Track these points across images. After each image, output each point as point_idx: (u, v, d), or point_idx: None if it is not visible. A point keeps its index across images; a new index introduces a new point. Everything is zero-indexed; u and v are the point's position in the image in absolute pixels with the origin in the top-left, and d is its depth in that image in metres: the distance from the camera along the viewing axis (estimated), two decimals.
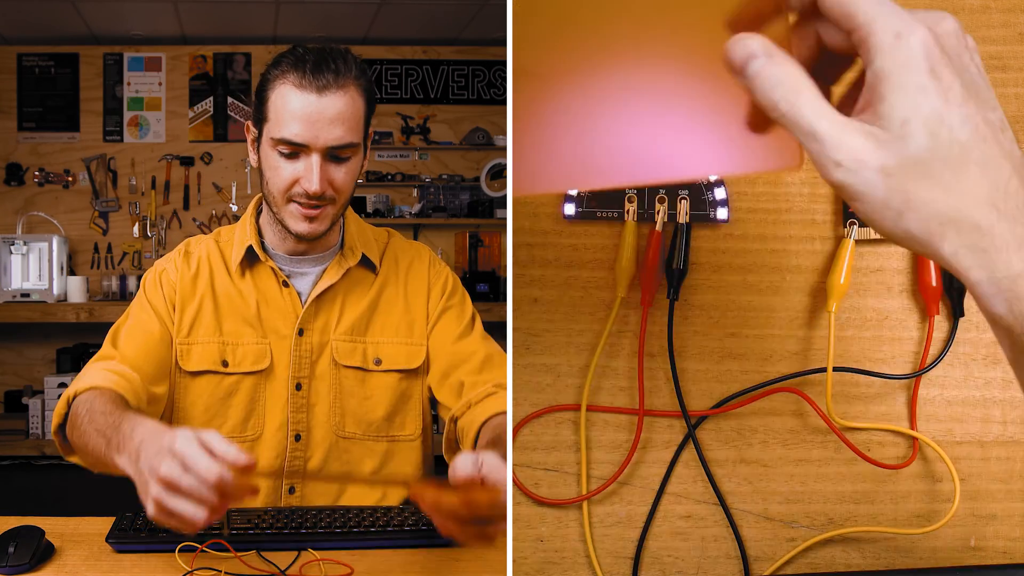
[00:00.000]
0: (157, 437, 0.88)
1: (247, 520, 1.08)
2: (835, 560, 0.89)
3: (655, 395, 0.89)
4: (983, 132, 0.63)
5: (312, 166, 1.17)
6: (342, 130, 1.17)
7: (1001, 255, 0.62)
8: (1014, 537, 0.88)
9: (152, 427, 0.92)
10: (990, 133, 0.63)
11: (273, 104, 1.18)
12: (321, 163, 1.17)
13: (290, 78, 1.17)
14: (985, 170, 0.63)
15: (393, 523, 1.09)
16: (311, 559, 1.01)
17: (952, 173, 0.63)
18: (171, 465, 0.83)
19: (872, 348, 0.88)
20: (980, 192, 0.63)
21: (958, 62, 0.64)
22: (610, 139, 0.79)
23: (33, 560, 0.96)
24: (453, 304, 1.31)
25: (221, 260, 1.29)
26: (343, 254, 1.28)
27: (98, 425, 1.01)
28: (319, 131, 1.16)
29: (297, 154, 1.18)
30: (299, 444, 1.26)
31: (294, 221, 1.20)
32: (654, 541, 0.89)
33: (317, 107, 1.16)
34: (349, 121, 1.18)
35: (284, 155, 1.18)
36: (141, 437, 0.91)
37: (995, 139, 0.63)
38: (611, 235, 0.88)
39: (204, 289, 1.27)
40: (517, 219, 0.89)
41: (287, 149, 1.17)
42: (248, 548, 1.01)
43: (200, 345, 1.26)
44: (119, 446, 0.94)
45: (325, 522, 1.08)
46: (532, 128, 0.80)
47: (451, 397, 1.25)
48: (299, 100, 1.16)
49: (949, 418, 0.88)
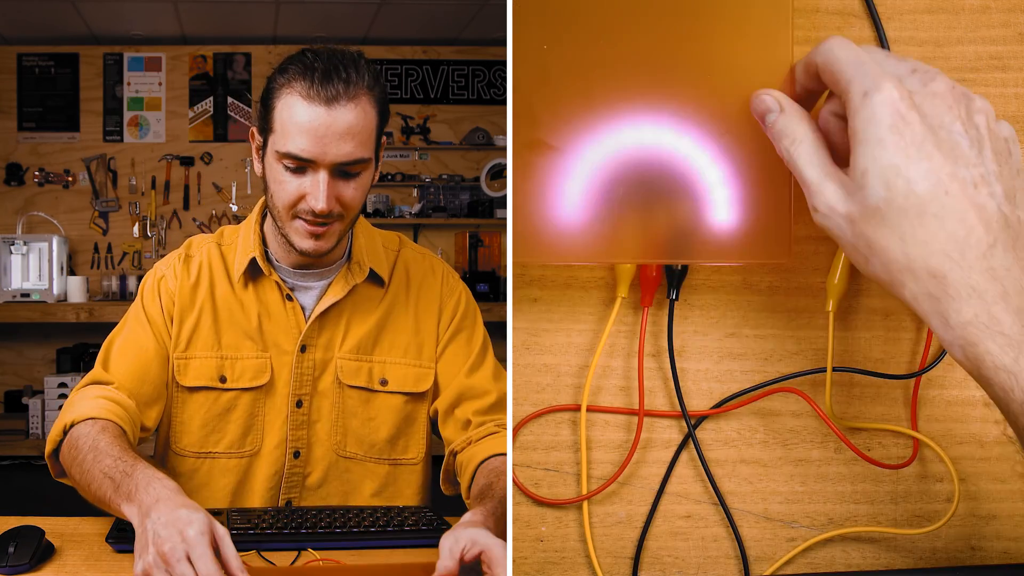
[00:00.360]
0: (174, 507, 0.87)
1: (247, 520, 1.08)
2: (835, 560, 0.89)
3: (655, 395, 0.89)
4: (947, 186, 0.66)
5: (319, 183, 1.10)
6: (352, 145, 1.10)
7: (953, 303, 0.66)
8: (1014, 537, 0.88)
9: (170, 490, 0.91)
10: (957, 188, 0.66)
11: (279, 115, 1.11)
12: (329, 180, 1.11)
13: (297, 87, 1.09)
14: (943, 222, 0.66)
15: (393, 523, 1.09)
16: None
17: (910, 225, 0.66)
18: (176, 548, 0.83)
19: (872, 348, 0.88)
20: (936, 243, 0.66)
21: (935, 119, 0.67)
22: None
23: (33, 560, 0.96)
24: (465, 327, 1.26)
25: (223, 267, 1.24)
26: (349, 268, 1.22)
27: (105, 467, 0.99)
28: (327, 146, 1.09)
29: (304, 169, 1.11)
30: (298, 461, 1.23)
31: (299, 238, 1.15)
32: (654, 541, 0.89)
33: (325, 121, 1.08)
34: (360, 135, 1.11)
35: (290, 169, 1.11)
36: (157, 497, 0.90)
37: (963, 194, 0.66)
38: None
39: (204, 299, 1.22)
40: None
41: (293, 164, 1.11)
42: (248, 548, 1.01)
43: (198, 360, 1.22)
44: (129, 495, 0.93)
45: (325, 522, 1.08)
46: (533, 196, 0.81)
47: (455, 432, 1.21)
48: (306, 113, 1.09)
49: (949, 418, 0.88)
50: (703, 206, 0.83)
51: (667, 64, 0.82)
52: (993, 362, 0.65)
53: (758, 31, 0.81)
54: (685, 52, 0.82)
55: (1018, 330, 0.65)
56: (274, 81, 1.13)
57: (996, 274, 0.66)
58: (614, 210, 0.83)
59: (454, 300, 1.27)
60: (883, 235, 0.67)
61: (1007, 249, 0.66)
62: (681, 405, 0.88)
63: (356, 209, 1.17)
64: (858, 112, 0.68)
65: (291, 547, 1.03)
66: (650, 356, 0.89)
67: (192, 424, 1.23)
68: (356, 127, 1.10)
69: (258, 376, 1.22)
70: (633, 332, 0.89)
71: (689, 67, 0.82)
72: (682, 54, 0.82)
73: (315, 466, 1.24)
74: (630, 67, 0.82)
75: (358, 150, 1.11)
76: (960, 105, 0.69)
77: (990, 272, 0.66)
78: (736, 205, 0.82)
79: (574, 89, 0.83)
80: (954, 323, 0.66)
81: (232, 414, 1.22)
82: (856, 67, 0.69)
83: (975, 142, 0.68)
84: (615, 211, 0.83)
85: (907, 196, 0.66)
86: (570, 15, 0.83)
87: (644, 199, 0.82)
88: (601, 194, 0.83)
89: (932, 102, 0.68)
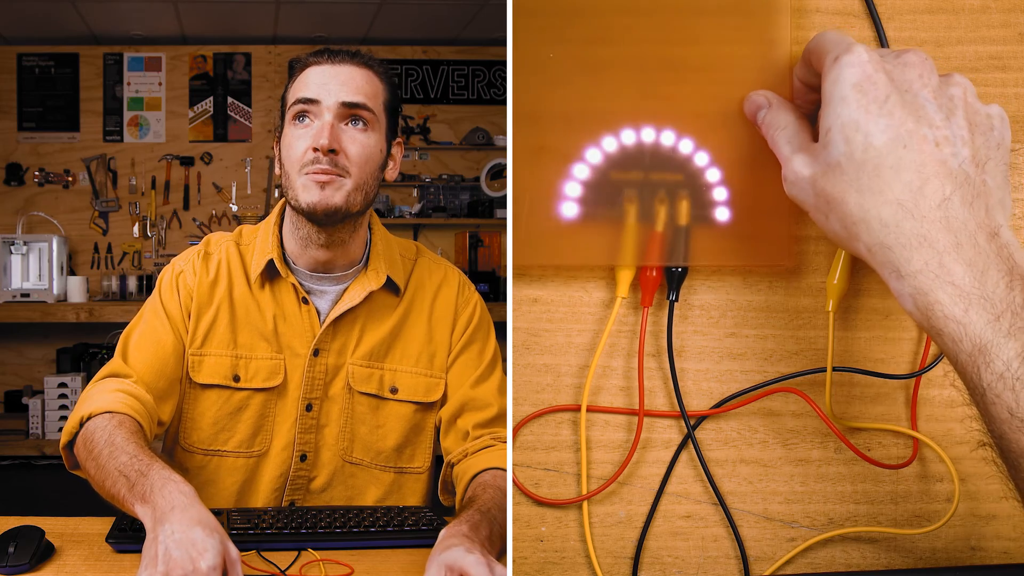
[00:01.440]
0: (190, 522, 0.87)
1: (247, 520, 1.08)
2: (835, 560, 0.89)
3: (655, 395, 0.89)
4: (905, 141, 0.67)
5: (324, 124, 1.16)
6: (353, 89, 1.18)
7: (904, 252, 0.67)
8: (1014, 537, 0.88)
9: (186, 496, 0.91)
10: (916, 143, 0.67)
11: (293, 88, 1.20)
12: (333, 122, 1.17)
13: (312, 61, 1.21)
14: (899, 173, 0.67)
15: (393, 523, 1.09)
16: (311, 559, 1.01)
17: (867, 177, 0.68)
18: (185, 564, 0.84)
19: (872, 348, 0.88)
20: (890, 193, 0.67)
21: (903, 84, 0.69)
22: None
23: (33, 560, 0.96)
24: (477, 338, 1.27)
25: (241, 268, 1.24)
26: (366, 273, 1.23)
27: (120, 464, 0.99)
28: (331, 87, 1.17)
29: (311, 117, 1.18)
30: (304, 464, 1.23)
31: (306, 192, 1.16)
32: (654, 541, 0.89)
33: (331, 72, 1.19)
34: (363, 89, 1.19)
35: (299, 123, 1.18)
36: (173, 504, 0.90)
37: (921, 149, 0.67)
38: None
39: (222, 297, 1.23)
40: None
41: (300, 110, 1.18)
42: (248, 548, 1.01)
43: (213, 357, 1.22)
44: (144, 496, 0.93)
45: (325, 522, 1.08)
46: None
47: (454, 443, 1.22)
48: (316, 71, 1.19)
49: (949, 418, 0.88)
50: (703, 209, 0.83)
51: (666, 66, 0.82)
52: (943, 311, 0.65)
53: (757, 33, 0.81)
54: (685, 54, 0.82)
55: (969, 281, 0.65)
56: (294, 66, 1.24)
57: (950, 225, 0.66)
58: (614, 213, 0.83)
59: (468, 311, 1.27)
60: (840, 188, 0.69)
61: (964, 204, 0.66)
62: (681, 405, 0.88)
63: (362, 169, 1.19)
64: (827, 74, 0.70)
65: (291, 547, 1.03)
66: (650, 356, 0.89)
67: (203, 421, 1.23)
68: (359, 80, 1.20)
69: (271, 377, 1.22)
70: (633, 332, 0.89)
71: (688, 69, 0.82)
72: (681, 57, 0.82)
73: (321, 470, 1.24)
74: (630, 70, 0.82)
75: (359, 96, 1.19)
76: (931, 75, 0.70)
77: (944, 222, 0.66)
78: (735, 208, 0.82)
79: (575, 92, 0.83)
80: (905, 272, 0.67)
81: (243, 413, 1.22)
82: (835, 41, 0.72)
83: (943, 108, 0.68)
84: (615, 214, 0.83)
85: (865, 150, 0.67)
86: (570, 16, 0.83)
87: (644, 202, 0.82)
88: (601, 197, 0.83)
89: (903, 70, 0.70)
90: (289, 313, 1.23)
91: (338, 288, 1.23)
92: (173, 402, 1.21)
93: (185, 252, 1.28)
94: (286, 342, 1.22)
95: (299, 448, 1.23)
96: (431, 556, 0.89)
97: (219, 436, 1.22)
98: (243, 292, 1.23)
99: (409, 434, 1.25)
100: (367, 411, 1.24)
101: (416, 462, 1.27)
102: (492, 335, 1.29)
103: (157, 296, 1.25)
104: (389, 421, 1.24)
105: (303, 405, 1.23)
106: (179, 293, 1.23)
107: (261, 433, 1.23)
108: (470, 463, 1.16)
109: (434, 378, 1.25)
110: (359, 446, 1.24)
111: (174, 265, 1.26)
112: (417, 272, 1.28)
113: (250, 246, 1.26)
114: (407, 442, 1.25)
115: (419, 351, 1.25)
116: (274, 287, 1.23)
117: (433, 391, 1.25)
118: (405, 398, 1.24)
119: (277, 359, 1.22)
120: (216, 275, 1.24)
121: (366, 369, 1.23)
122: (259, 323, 1.22)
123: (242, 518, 1.09)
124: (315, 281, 1.23)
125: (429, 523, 1.10)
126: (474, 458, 1.16)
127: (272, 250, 1.22)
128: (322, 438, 1.23)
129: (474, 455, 1.17)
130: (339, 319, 1.22)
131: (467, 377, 1.24)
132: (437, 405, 1.26)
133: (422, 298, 1.26)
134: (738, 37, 0.82)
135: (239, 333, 1.22)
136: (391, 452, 1.25)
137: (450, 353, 1.26)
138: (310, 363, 1.22)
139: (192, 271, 1.24)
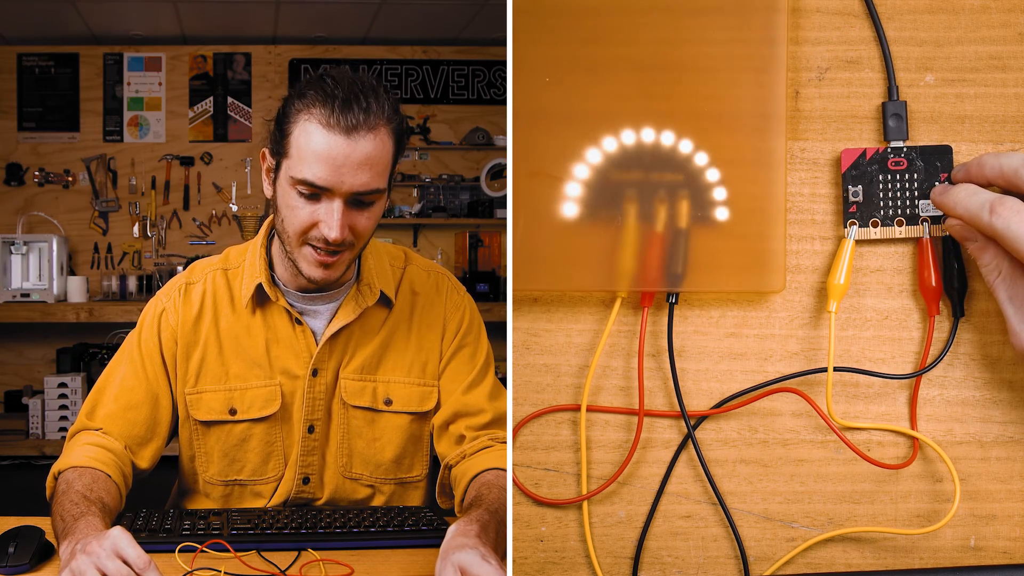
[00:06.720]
0: (95, 535, 0.91)
1: (247, 520, 1.08)
2: (835, 560, 0.89)
3: (655, 395, 0.89)
4: None
5: (333, 211, 1.08)
6: (368, 175, 1.08)
7: None
8: (1014, 537, 0.88)
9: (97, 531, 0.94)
10: None
11: (296, 140, 1.08)
12: (343, 209, 1.09)
13: (316, 113, 1.07)
14: None
15: (393, 523, 1.09)
16: (311, 559, 1.01)
17: None
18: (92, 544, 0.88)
19: (872, 348, 0.88)
20: None
21: None
22: None
23: (33, 560, 0.96)
24: (468, 343, 1.25)
25: (227, 294, 1.21)
26: (359, 290, 1.21)
27: (62, 509, 1.02)
28: (344, 176, 1.07)
29: (318, 196, 1.09)
30: (307, 487, 1.23)
31: (308, 266, 1.12)
32: (654, 541, 0.89)
33: (344, 150, 1.06)
34: (377, 166, 1.09)
35: (304, 196, 1.09)
36: (87, 534, 0.93)
37: None
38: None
39: (208, 331, 1.21)
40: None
41: (308, 191, 1.08)
42: (248, 548, 1.01)
43: (208, 393, 1.21)
44: (66, 534, 0.96)
45: (325, 522, 1.08)
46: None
47: (449, 447, 1.21)
48: (325, 141, 1.06)
49: (949, 418, 0.88)
50: (703, 209, 0.83)
51: (666, 66, 0.82)
52: None
53: (756, 33, 0.81)
54: (684, 55, 0.82)
55: None
56: (291, 105, 1.10)
57: None
58: (614, 213, 0.83)
59: (458, 316, 1.26)
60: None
61: None
62: (681, 405, 0.88)
63: (366, 238, 1.15)
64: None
65: (291, 547, 1.03)
66: (650, 356, 0.89)
67: (214, 455, 1.23)
68: (374, 157, 1.08)
69: (267, 405, 1.21)
70: (633, 332, 0.89)
71: (688, 69, 0.82)
72: (681, 57, 0.82)
73: (323, 490, 1.24)
74: (630, 70, 0.82)
75: (374, 180, 1.09)
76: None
77: None
78: (732, 235, 0.83)
79: (575, 92, 0.83)
80: None
81: (248, 444, 1.22)
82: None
83: None
84: (615, 214, 0.83)
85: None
86: (570, 16, 0.83)
87: (644, 202, 0.82)
88: (601, 198, 0.83)
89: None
90: (283, 336, 1.21)
91: (331, 306, 1.21)
92: (155, 445, 1.21)
93: (169, 284, 1.25)
94: (281, 365, 1.21)
95: (301, 471, 1.22)
96: (442, 553, 0.88)
97: (232, 467, 1.23)
98: (230, 322, 1.21)
99: (407, 445, 1.24)
100: (363, 424, 1.23)
101: (415, 471, 1.26)
102: (484, 338, 1.27)
103: (136, 337, 1.23)
104: (386, 433, 1.23)
105: (305, 427, 1.22)
106: (160, 336, 1.21)
107: (272, 460, 1.23)
108: (470, 464, 1.16)
109: (427, 387, 1.24)
110: (357, 461, 1.23)
111: (157, 301, 1.24)
112: (406, 281, 1.26)
113: (238, 270, 1.23)
114: (405, 453, 1.24)
115: (411, 361, 1.23)
116: (265, 311, 1.21)
117: (427, 400, 1.24)
118: (400, 409, 1.23)
119: (271, 385, 1.21)
120: (200, 308, 1.21)
121: (358, 383, 1.22)
122: (250, 350, 1.20)
123: (242, 518, 1.09)
124: (307, 301, 1.20)
125: (429, 523, 1.10)
126: (473, 459, 1.16)
127: (260, 274, 1.19)
128: (323, 458, 1.23)
129: (473, 456, 1.17)
130: (333, 336, 1.20)
131: (459, 383, 1.23)
132: (432, 414, 1.25)
133: (411, 307, 1.25)
134: (737, 37, 0.82)
135: (230, 365, 1.20)
136: (390, 464, 1.24)
137: (441, 359, 1.24)
138: (310, 384, 1.21)
139: (174, 309, 1.21)
